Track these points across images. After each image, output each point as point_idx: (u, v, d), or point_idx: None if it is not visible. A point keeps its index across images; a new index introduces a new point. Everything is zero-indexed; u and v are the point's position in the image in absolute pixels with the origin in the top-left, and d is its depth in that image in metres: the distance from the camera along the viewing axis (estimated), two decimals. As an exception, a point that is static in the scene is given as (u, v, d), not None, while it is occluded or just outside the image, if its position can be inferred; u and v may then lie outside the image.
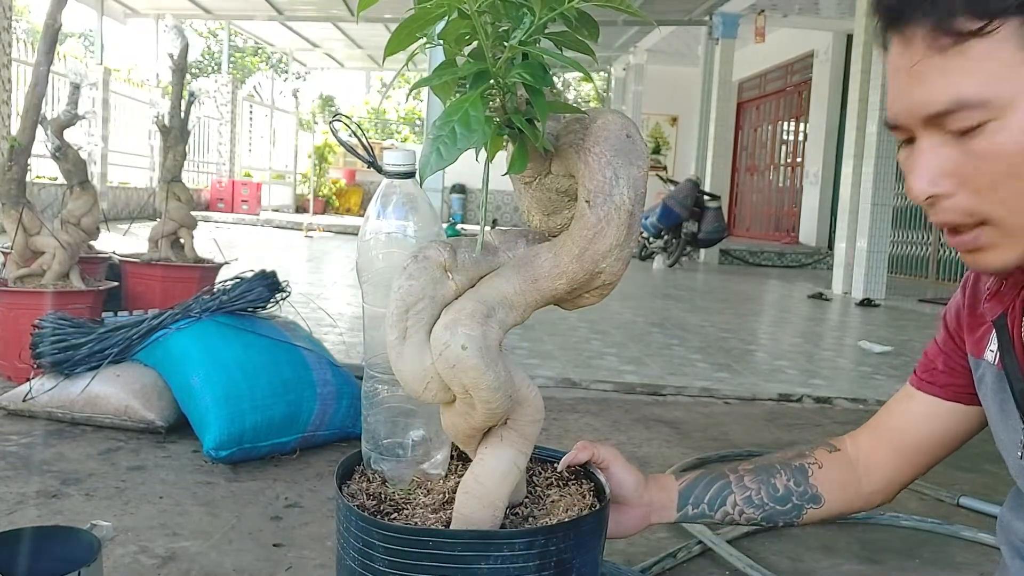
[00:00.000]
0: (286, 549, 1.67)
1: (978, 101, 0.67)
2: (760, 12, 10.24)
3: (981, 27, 0.65)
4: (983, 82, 0.67)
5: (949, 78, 0.68)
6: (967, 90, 0.67)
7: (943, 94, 0.68)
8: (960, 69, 0.67)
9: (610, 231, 0.85)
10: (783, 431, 2.86)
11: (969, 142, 0.69)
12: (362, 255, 1.02)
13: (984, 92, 0.67)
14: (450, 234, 1.53)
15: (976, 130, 0.68)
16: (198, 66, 21.77)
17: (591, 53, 0.86)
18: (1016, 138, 0.67)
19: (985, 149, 0.68)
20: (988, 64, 0.66)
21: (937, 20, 0.67)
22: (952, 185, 0.71)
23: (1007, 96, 0.66)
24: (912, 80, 0.70)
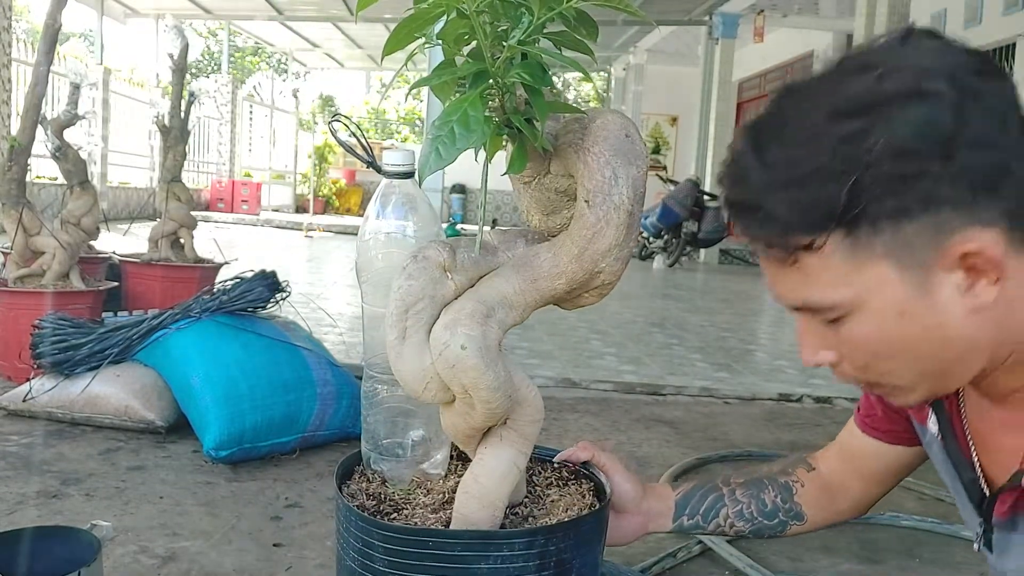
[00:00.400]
0: (286, 549, 1.67)
1: (825, 306, 0.72)
2: (760, 12, 10.25)
3: (808, 244, 0.68)
4: (823, 290, 0.71)
5: (794, 286, 0.73)
6: (812, 297, 0.72)
7: (794, 298, 0.73)
8: (800, 280, 0.71)
9: (609, 231, 0.85)
10: (783, 431, 2.86)
11: (837, 327, 0.73)
12: (362, 255, 1.02)
13: (828, 298, 0.71)
14: (450, 234, 1.53)
15: (838, 320, 0.72)
16: (198, 66, 21.77)
17: (590, 53, 0.86)
18: (869, 332, 0.71)
19: (849, 336, 0.73)
20: (823, 274, 0.70)
21: (767, 241, 0.71)
22: (834, 357, 0.76)
23: (851, 297, 0.70)
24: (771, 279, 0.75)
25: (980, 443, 0.84)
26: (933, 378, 0.75)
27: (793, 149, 0.68)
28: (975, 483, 0.85)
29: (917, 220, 0.66)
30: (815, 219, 0.67)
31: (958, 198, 0.65)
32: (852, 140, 0.65)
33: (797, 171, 0.67)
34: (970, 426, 0.85)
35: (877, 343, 0.72)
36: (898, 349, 0.72)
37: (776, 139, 0.69)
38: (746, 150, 0.71)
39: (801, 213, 0.68)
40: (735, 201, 0.73)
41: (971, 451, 0.85)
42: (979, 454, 0.84)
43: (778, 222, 0.69)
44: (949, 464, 0.89)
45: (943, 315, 0.69)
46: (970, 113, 0.65)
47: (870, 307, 0.70)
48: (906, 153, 0.64)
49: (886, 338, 0.71)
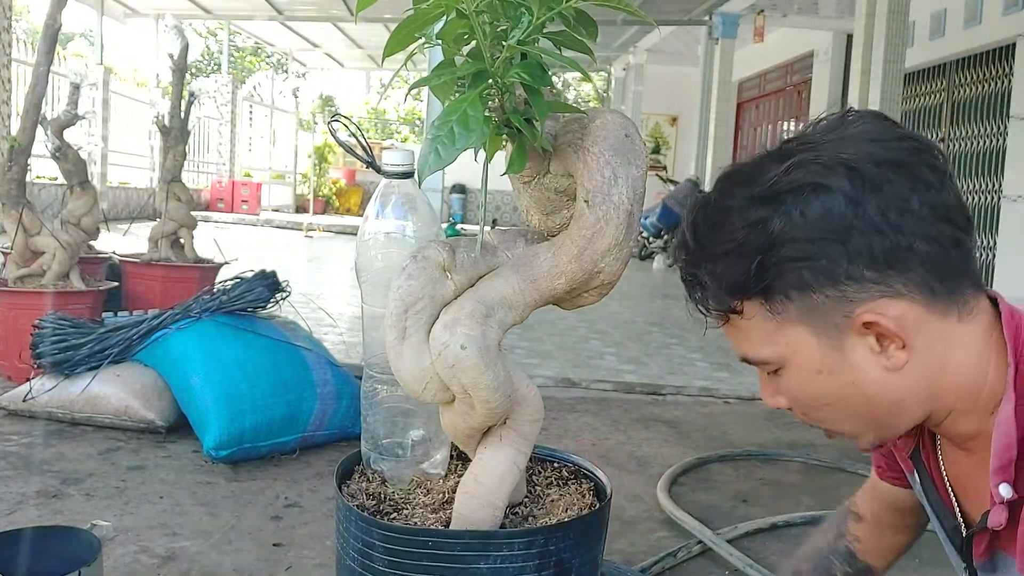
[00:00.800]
0: (286, 549, 1.67)
1: (758, 360, 0.82)
2: (760, 12, 10.24)
3: (731, 308, 0.79)
4: (754, 347, 0.81)
5: (735, 340, 0.83)
6: (748, 352, 0.82)
7: (737, 350, 0.84)
8: (736, 335, 0.82)
9: (609, 231, 0.85)
10: (782, 430, 2.86)
11: (776, 379, 0.83)
12: (361, 255, 1.02)
13: (760, 353, 0.81)
14: (450, 234, 1.53)
15: (774, 373, 0.82)
16: (198, 66, 21.76)
17: (590, 53, 0.86)
18: (797, 384, 0.80)
19: (784, 387, 0.82)
20: (753, 333, 0.80)
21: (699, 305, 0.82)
22: (786, 402, 0.84)
23: (778, 354, 0.79)
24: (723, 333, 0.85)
25: (960, 490, 0.88)
26: (873, 427, 0.81)
27: (717, 232, 0.79)
28: (956, 530, 0.89)
29: (822, 292, 0.75)
30: (733, 288, 0.78)
31: (858, 275, 0.73)
32: (758, 225, 0.75)
33: (717, 249, 0.78)
34: (949, 474, 0.88)
35: (805, 396, 0.81)
36: (824, 402, 0.80)
37: (705, 220, 0.80)
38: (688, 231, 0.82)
39: (720, 285, 0.79)
40: (681, 272, 0.84)
41: (951, 499, 0.89)
42: (960, 501, 0.88)
43: (707, 290, 0.80)
44: (932, 511, 0.92)
45: (859, 373, 0.77)
46: (866, 203, 0.73)
47: (793, 364, 0.79)
48: (802, 240, 0.74)
49: (810, 392, 0.80)
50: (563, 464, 1.11)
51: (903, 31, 7.17)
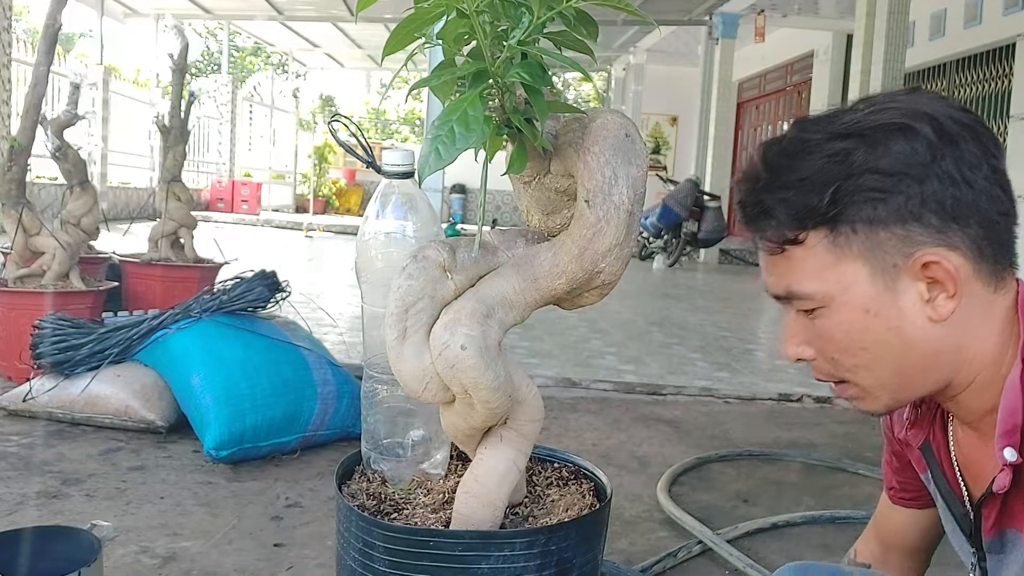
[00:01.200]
0: (287, 549, 1.67)
1: (805, 294, 0.81)
2: (760, 12, 10.23)
3: (794, 238, 0.80)
4: (804, 280, 0.81)
5: (783, 274, 0.83)
6: (794, 285, 0.82)
7: (779, 285, 0.84)
8: (786, 268, 0.82)
9: (609, 231, 0.85)
10: (783, 430, 2.86)
11: (813, 320, 0.83)
12: (361, 255, 1.02)
13: (807, 288, 0.81)
14: (450, 234, 1.53)
15: (814, 312, 0.82)
16: (198, 66, 21.75)
17: (590, 53, 0.86)
18: (839, 324, 0.80)
19: (821, 328, 0.82)
20: (808, 265, 0.80)
21: (763, 233, 0.82)
22: (812, 352, 0.85)
23: (827, 290, 0.80)
24: (764, 270, 0.86)
25: (970, 476, 0.89)
26: (896, 383, 0.82)
27: (793, 160, 0.80)
28: (966, 516, 0.90)
29: (889, 230, 0.76)
30: (801, 216, 0.79)
31: (926, 219, 0.76)
32: (839, 156, 0.77)
33: (792, 177, 0.79)
34: (959, 460, 0.90)
35: (844, 336, 0.80)
36: (862, 345, 0.80)
37: (782, 153, 0.81)
38: (758, 163, 0.83)
39: (791, 211, 0.79)
40: (742, 199, 0.84)
41: (960, 485, 0.90)
42: (969, 487, 0.89)
43: (773, 217, 0.80)
44: (943, 501, 0.93)
45: (904, 319, 0.78)
46: (945, 153, 0.76)
47: (841, 302, 0.79)
48: (883, 172, 0.76)
49: (852, 331, 0.80)
50: (563, 464, 1.11)
51: (903, 31, 7.17)
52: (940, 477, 0.92)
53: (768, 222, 0.81)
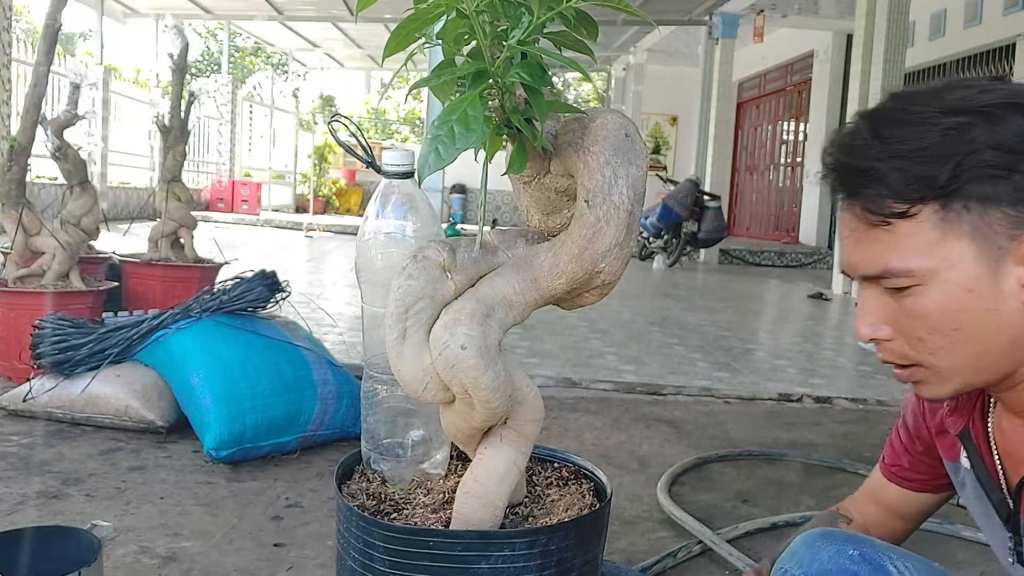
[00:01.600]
0: (287, 549, 1.67)
1: (904, 271, 0.79)
2: (760, 12, 10.24)
3: (904, 211, 0.78)
4: (908, 256, 0.79)
5: (880, 250, 0.80)
6: (893, 262, 0.80)
7: (876, 263, 0.81)
8: (888, 243, 0.80)
9: (609, 231, 0.85)
10: (783, 430, 2.86)
11: (902, 299, 0.81)
12: (361, 255, 1.02)
13: (909, 264, 0.79)
14: (450, 234, 1.53)
15: (906, 290, 0.80)
16: (198, 66, 21.76)
17: (590, 53, 0.86)
18: (935, 303, 0.79)
19: (913, 308, 0.80)
20: (912, 240, 0.78)
21: (866, 203, 0.80)
22: (890, 332, 0.83)
23: (928, 267, 0.78)
24: (853, 245, 0.83)
25: (1012, 464, 0.89)
26: (970, 368, 0.81)
27: (907, 130, 0.78)
28: (1003, 502, 0.90)
29: (1002, 209, 0.76)
30: (917, 189, 0.77)
31: None
32: (958, 130, 0.76)
33: (908, 147, 0.77)
34: (1000, 450, 0.90)
35: (939, 316, 0.79)
36: (955, 326, 0.79)
37: (892, 122, 0.80)
38: (863, 127, 0.81)
39: (907, 182, 0.77)
40: (848, 165, 0.81)
41: (998, 472, 0.91)
42: (1009, 475, 0.90)
43: (885, 186, 0.78)
44: (980, 490, 0.93)
45: (1002, 302, 0.77)
46: None
47: (942, 279, 0.78)
48: (1005, 149, 0.75)
49: (949, 311, 0.79)
50: (563, 464, 1.11)
51: (903, 31, 7.17)
52: (979, 464, 0.92)
53: (878, 191, 0.78)
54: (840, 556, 0.94)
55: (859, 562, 0.93)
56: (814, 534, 1.01)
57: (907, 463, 1.08)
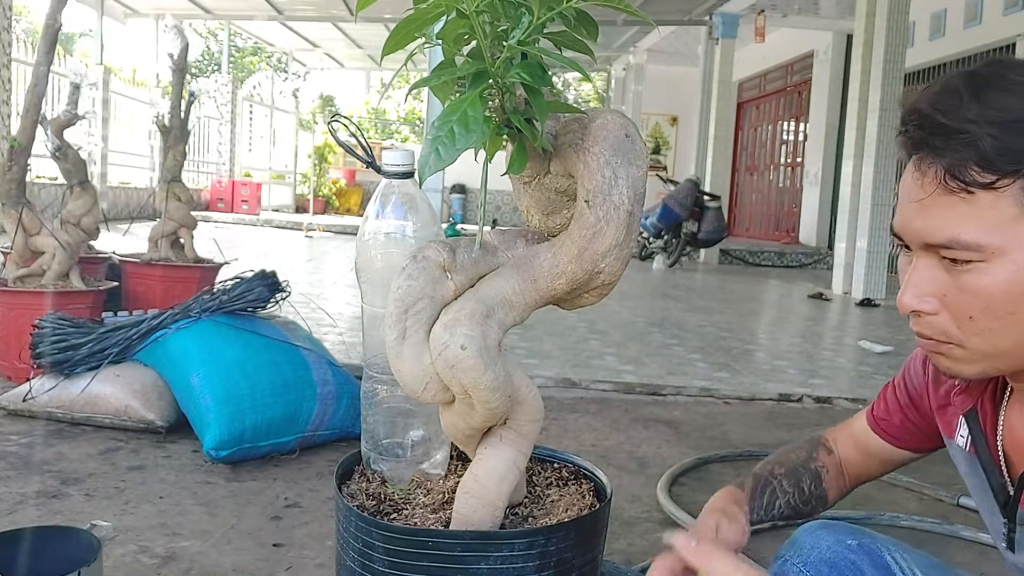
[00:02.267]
0: (286, 549, 1.67)
1: (973, 245, 0.75)
2: (760, 12, 10.24)
3: (992, 182, 0.73)
4: (981, 229, 0.75)
5: (951, 219, 0.76)
6: (966, 234, 0.75)
7: (943, 232, 0.76)
8: (963, 213, 0.75)
9: (609, 231, 0.85)
10: (783, 431, 2.86)
11: (959, 274, 0.77)
12: (361, 255, 1.02)
13: (980, 238, 0.75)
14: (450, 234, 1.53)
15: (966, 264, 0.76)
16: (198, 66, 21.75)
17: (590, 53, 0.86)
18: (998, 282, 0.75)
19: (971, 284, 0.77)
20: (989, 213, 0.74)
21: (951, 165, 0.75)
22: (936, 305, 0.80)
23: (999, 244, 0.75)
24: (920, 209, 0.78)
25: (1017, 454, 0.89)
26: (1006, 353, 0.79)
27: (1010, 98, 0.74)
28: (1003, 487, 0.90)
29: None
30: (1009, 161, 0.73)
31: None
32: None
33: (1009, 115, 0.73)
34: (1006, 439, 0.90)
35: (1000, 295, 0.76)
36: (1012, 308, 0.76)
37: (994, 87, 0.75)
38: (961, 88, 0.76)
39: (1001, 151, 0.73)
40: (939, 123, 0.76)
41: (1000, 457, 0.90)
42: (1012, 462, 0.89)
43: (977, 152, 0.73)
44: (979, 469, 0.93)
45: None
46: None
47: (1011, 258, 0.75)
48: None
49: (1011, 292, 0.76)
50: (563, 464, 1.11)
51: (903, 31, 7.17)
52: (983, 446, 0.91)
53: (965, 154, 0.74)
54: (839, 545, 0.96)
55: (857, 552, 0.94)
56: (814, 525, 1.03)
57: (898, 421, 1.08)
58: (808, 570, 0.96)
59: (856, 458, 1.16)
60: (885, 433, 1.10)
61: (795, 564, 0.98)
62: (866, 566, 0.93)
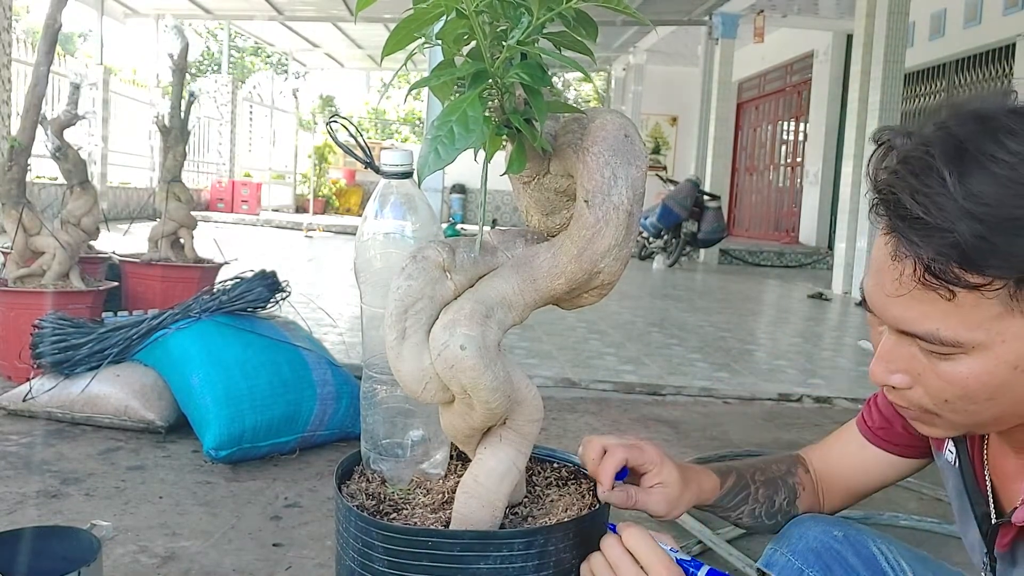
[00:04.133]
0: (286, 549, 1.67)
1: (952, 341, 0.71)
2: (759, 12, 10.24)
3: (979, 284, 0.67)
4: (962, 327, 0.70)
5: (930, 314, 0.71)
6: (945, 331, 0.71)
7: (921, 326, 0.72)
8: (942, 311, 0.70)
9: (609, 231, 0.85)
10: (782, 431, 2.86)
11: (937, 360, 0.73)
12: (360, 255, 1.02)
13: (960, 336, 0.70)
14: (449, 234, 1.53)
15: (945, 355, 0.73)
16: (198, 66, 21.76)
17: (590, 53, 0.86)
18: (976, 374, 0.72)
19: (949, 373, 0.73)
20: (972, 313, 0.69)
21: (931, 263, 0.68)
22: (910, 381, 0.77)
23: (981, 340, 0.70)
24: (897, 300, 0.73)
25: (999, 482, 0.88)
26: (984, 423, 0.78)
27: (999, 188, 0.66)
28: (987, 516, 0.89)
29: None
30: (999, 264, 0.66)
31: None
32: None
33: (999, 212, 0.65)
34: (990, 465, 0.89)
35: (977, 386, 0.73)
36: (990, 396, 0.73)
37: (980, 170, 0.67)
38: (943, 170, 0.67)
39: (988, 254, 0.66)
40: (918, 216, 0.68)
41: (987, 486, 0.89)
42: (995, 491, 0.88)
43: (960, 253, 0.67)
44: (964, 493, 0.92)
45: None
46: None
47: (992, 353, 0.71)
48: None
49: (989, 384, 0.72)
50: (563, 464, 1.11)
51: (903, 31, 7.17)
52: (969, 471, 0.91)
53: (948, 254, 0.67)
54: (825, 536, 0.97)
55: (843, 542, 0.96)
56: (803, 518, 1.04)
57: (901, 427, 1.05)
58: (796, 558, 0.97)
59: (846, 474, 1.12)
60: (887, 443, 1.07)
61: (783, 553, 1.00)
62: (850, 555, 0.95)
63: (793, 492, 1.12)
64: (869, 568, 0.95)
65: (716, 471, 1.11)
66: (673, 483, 1.02)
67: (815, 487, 1.13)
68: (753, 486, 1.12)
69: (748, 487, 1.12)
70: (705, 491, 1.08)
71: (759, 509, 1.10)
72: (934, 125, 0.71)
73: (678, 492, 1.02)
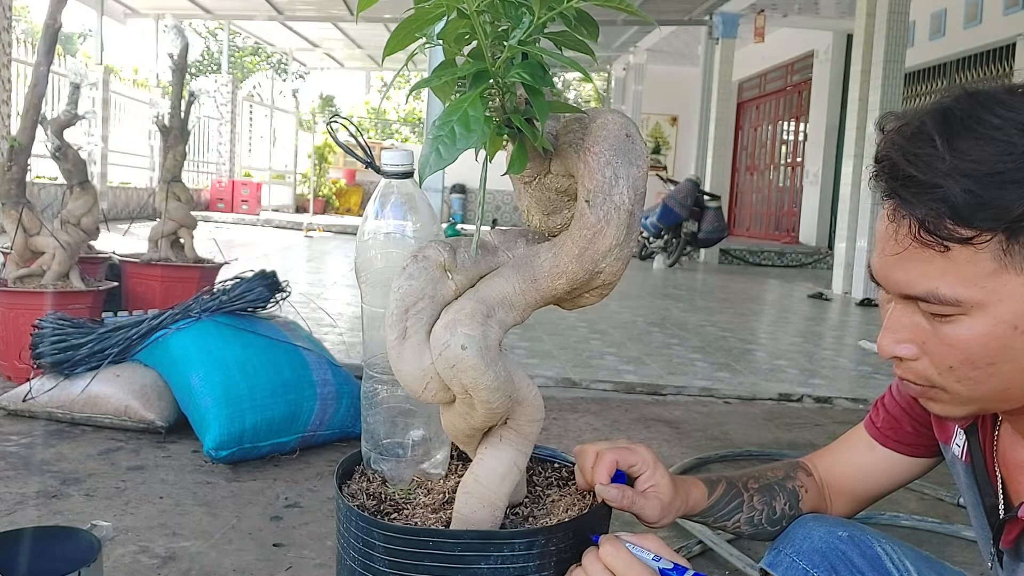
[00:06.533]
0: (286, 549, 1.67)
1: (951, 299, 0.73)
2: (760, 12, 10.24)
3: (969, 238, 0.70)
4: (959, 283, 0.72)
5: (929, 272, 0.73)
6: (943, 288, 0.73)
7: (920, 285, 0.74)
8: (940, 268, 0.73)
9: (610, 231, 0.85)
10: (783, 430, 2.86)
11: (939, 324, 0.75)
12: (361, 255, 1.02)
13: (959, 293, 0.72)
14: (450, 234, 1.53)
15: (946, 317, 0.74)
16: (198, 66, 21.76)
17: (591, 53, 0.86)
18: (977, 335, 0.74)
19: (949, 335, 0.75)
20: (967, 268, 0.71)
21: (925, 219, 0.72)
22: (916, 352, 0.78)
23: (978, 298, 0.72)
24: (896, 260, 0.76)
25: (1008, 474, 0.88)
26: (991, 398, 0.78)
27: (985, 146, 0.70)
28: (995, 509, 0.89)
29: None
30: (987, 216, 0.69)
31: None
32: None
33: (985, 167, 0.69)
34: (1000, 457, 0.89)
35: (979, 348, 0.74)
36: (992, 360, 0.75)
37: (969, 133, 0.71)
38: (934, 133, 0.72)
39: (976, 207, 0.69)
40: (910, 175, 0.72)
41: (997, 478, 0.89)
42: (1005, 483, 0.88)
43: (951, 207, 0.70)
44: (974, 486, 0.92)
45: None
46: None
47: (991, 312, 0.73)
48: None
49: (990, 345, 0.74)
50: (563, 464, 1.11)
51: (903, 31, 7.17)
52: (980, 461, 0.91)
53: (939, 208, 0.70)
54: (830, 536, 0.97)
55: (848, 543, 0.95)
56: (806, 518, 1.03)
57: (909, 426, 1.05)
58: (800, 559, 0.97)
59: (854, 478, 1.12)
60: (895, 442, 1.07)
61: (788, 554, 0.99)
62: (855, 556, 0.94)
63: (795, 496, 1.11)
64: (874, 569, 0.94)
65: (705, 481, 1.10)
66: (665, 487, 1.02)
67: (820, 490, 1.12)
68: (747, 493, 1.11)
69: (741, 495, 1.11)
70: (693, 500, 1.07)
71: (757, 516, 1.10)
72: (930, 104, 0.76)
73: (670, 497, 1.02)
